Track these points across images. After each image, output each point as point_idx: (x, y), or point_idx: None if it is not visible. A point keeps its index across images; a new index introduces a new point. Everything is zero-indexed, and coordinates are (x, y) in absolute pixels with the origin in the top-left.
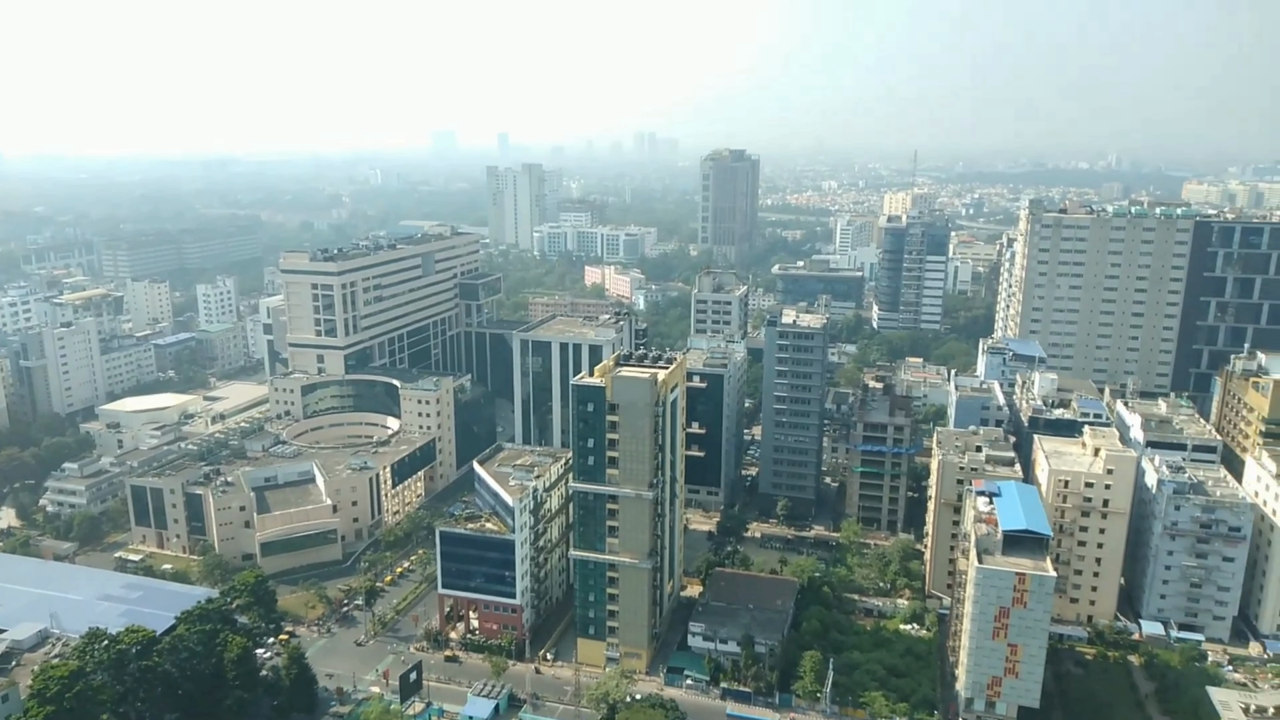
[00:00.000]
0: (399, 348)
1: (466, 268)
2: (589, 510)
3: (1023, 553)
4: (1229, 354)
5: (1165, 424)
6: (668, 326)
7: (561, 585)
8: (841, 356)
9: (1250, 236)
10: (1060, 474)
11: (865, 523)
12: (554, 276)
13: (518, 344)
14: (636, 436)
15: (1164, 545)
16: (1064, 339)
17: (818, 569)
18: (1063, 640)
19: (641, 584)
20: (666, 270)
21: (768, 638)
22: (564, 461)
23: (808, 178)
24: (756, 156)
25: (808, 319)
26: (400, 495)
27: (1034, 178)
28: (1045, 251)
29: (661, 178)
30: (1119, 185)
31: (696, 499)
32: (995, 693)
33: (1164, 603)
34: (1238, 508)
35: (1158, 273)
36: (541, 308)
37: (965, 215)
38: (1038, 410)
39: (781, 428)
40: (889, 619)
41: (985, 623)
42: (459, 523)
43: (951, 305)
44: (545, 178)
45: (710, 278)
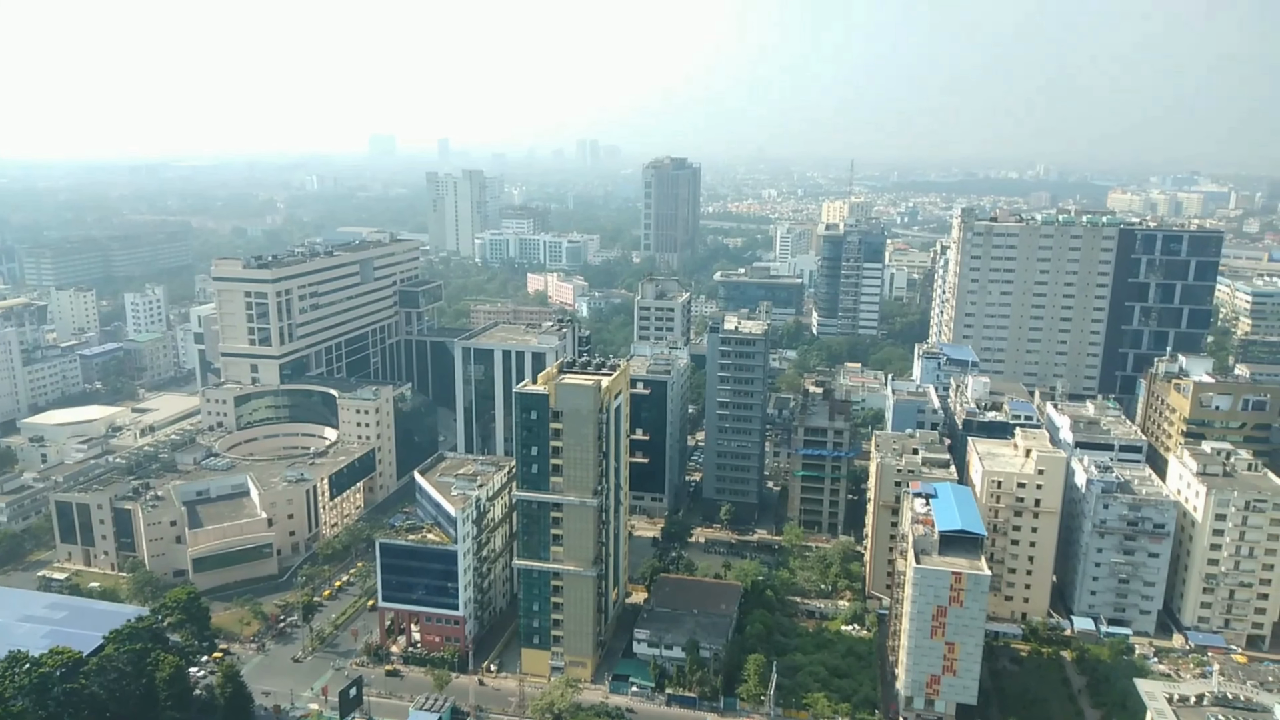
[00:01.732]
0: (337, 356)
1: (406, 275)
2: (533, 519)
3: (959, 552)
4: (1152, 357)
5: (1093, 425)
6: (611, 333)
7: (505, 595)
8: (782, 362)
9: (1171, 244)
10: (993, 475)
11: (807, 525)
12: (496, 284)
13: (459, 352)
14: (580, 444)
15: (1093, 543)
16: (996, 343)
17: (761, 572)
18: (998, 638)
19: (586, 592)
20: (609, 277)
21: (712, 642)
22: (507, 470)
23: (748, 186)
24: (698, 164)
25: (749, 326)
26: (339, 507)
27: (966, 187)
28: (977, 259)
29: (604, 185)
30: (1047, 194)
31: (641, 505)
32: (934, 691)
33: (1094, 599)
34: (1162, 505)
35: (1084, 279)
36: (484, 315)
37: (900, 223)
38: (971, 413)
39: (724, 433)
40: (831, 620)
41: (923, 622)
42: (400, 534)
43: (888, 311)
44: (487, 184)
45: (653, 285)
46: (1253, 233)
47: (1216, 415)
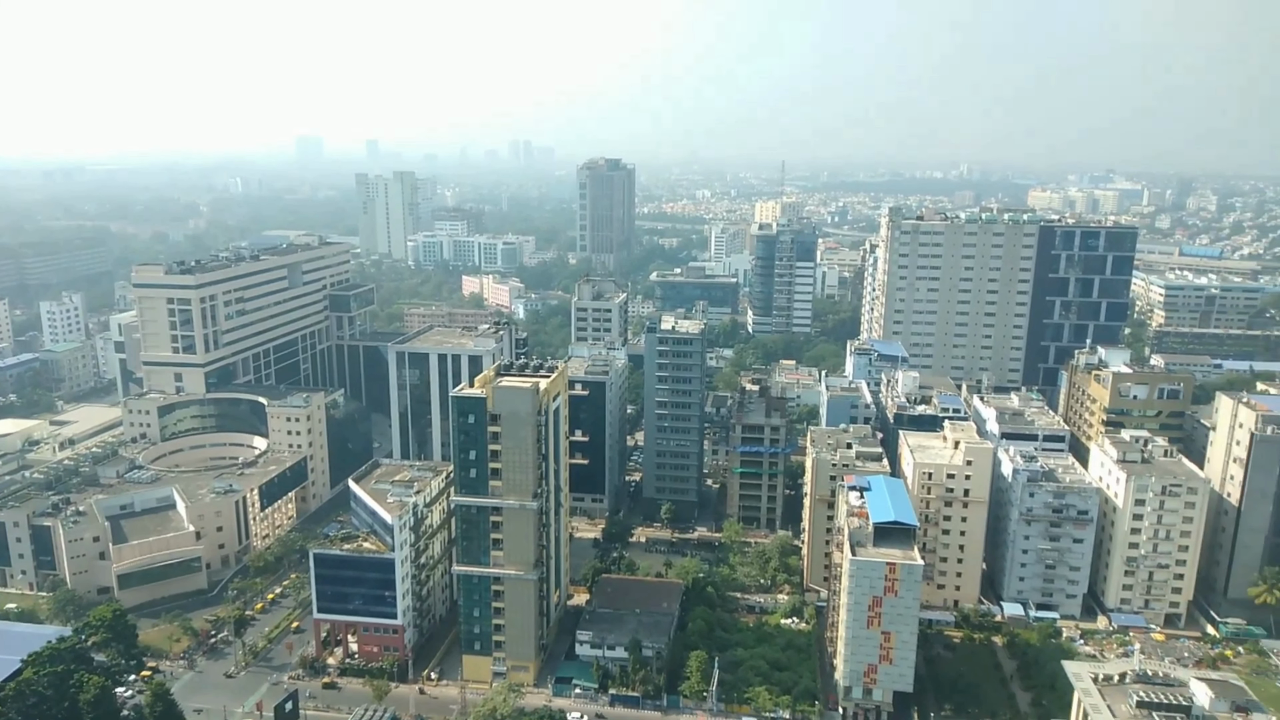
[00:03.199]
0: (265, 363)
1: (336, 279)
2: (472, 523)
3: (892, 543)
4: (1073, 349)
5: (1018, 416)
6: (548, 335)
7: (445, 602)
8: (719, 361)
9: (1089, 240)
10: (924, 467)
11: (746, 522)
12: (430, 286)
13: (393, 356)
14: (519, 447)
15: (1020, 530)
16: (924, 339)
17: (702, 570)
18: (932, 625)
19: (528, 596)
20: (546, 279)
21: (655, 641)
22: (445, 475)
23: (682, 187)
24: (632, 165)
25: (686, 325)
26: (270, 518)
27: (893, 187)
28: (905, 257)
29: (539, 186)
30: (971, 193)
31: (581, 507)
32: (872, 680)
33: (1022, 584)
34: (1085, 492)
35: (1007, 274)
36: (418, 318)
37: (831, 223)
38: (902, 407)
39: (663, 432)
40: (770, 614)
41: (860, 612)
42: (334, 543)
43: (821, 309)
44: (418, 185)
45: (590, 285)
46: (1164, 228)
47: (1134, 404)
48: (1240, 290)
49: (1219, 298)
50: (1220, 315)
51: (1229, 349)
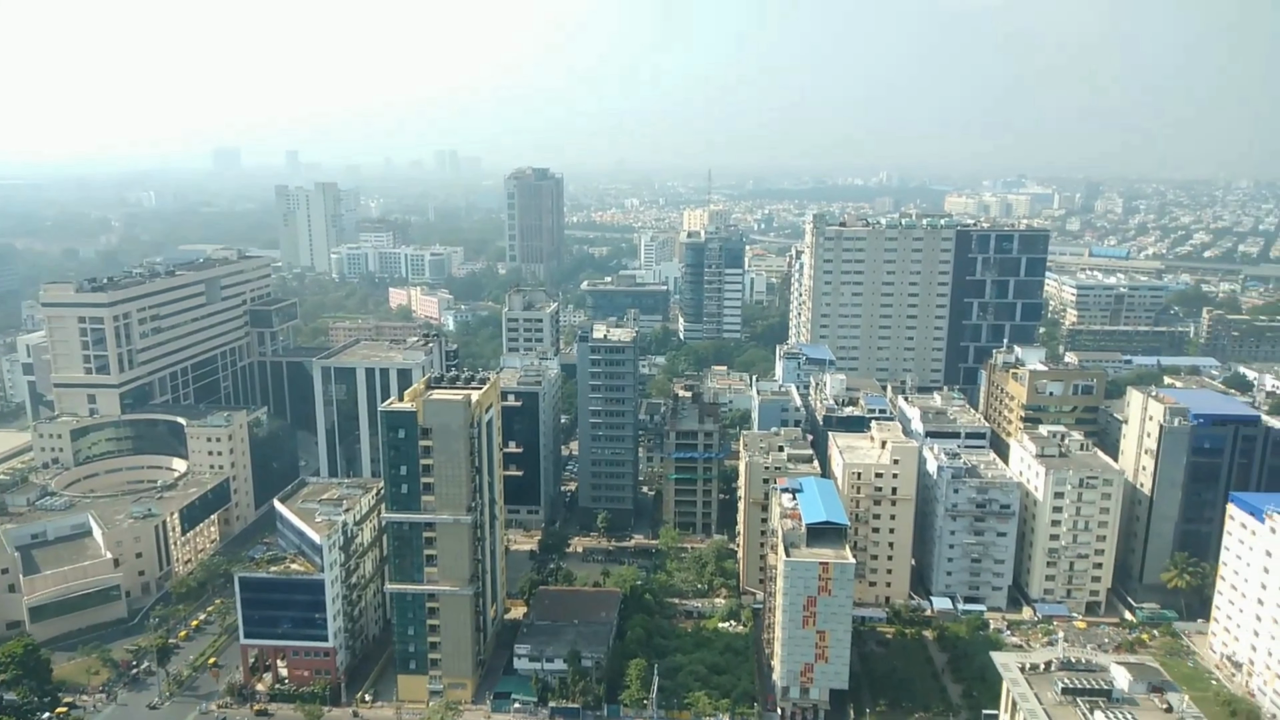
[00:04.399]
0: (184, 382)
1: (257, 293)
2: (404, 540)
3: (825, 543)
4: (991, 349)
5: (941, 415)
6: (479, 346)
7: (378, 621)
8: (652, 368)
9: (1003, 243)
10: (853, 467)
11: (682, 527)
12: (356, 299)
13: (318, 371)
14: (452, 460)
15: (947, 526)
16: (850, 342)
17: (639, 577)
18: (865, 622)
19: (464, 612)
20: (475, 290)
21: (593, 651)
22: (375, 492)
23: (611, 196)
24: (560, 175)
25: (618, 333)
26: (192, 542)
27: (816, 194)
28: (829, 262)
29: (466, 196)
30: (890, 199)
31: (517, 519)
32: (808, 679)
33: (950, 579)
34: (1006, 487)
35: (927, 278)
36: (343, 332)
37: (758, 230)
38: (830, 409)
39: (598, 441)
40: (708, 619)
41: (795, 613)
42: (260, 566)
43: (750, 315)
44: (341, 197)
45: (520, 296)
46: (1074, 230)
47: (1050, 401)
48: (1146, 289)
49: (1127, 296)
50: (1129, 313)
51: (1137, 345)
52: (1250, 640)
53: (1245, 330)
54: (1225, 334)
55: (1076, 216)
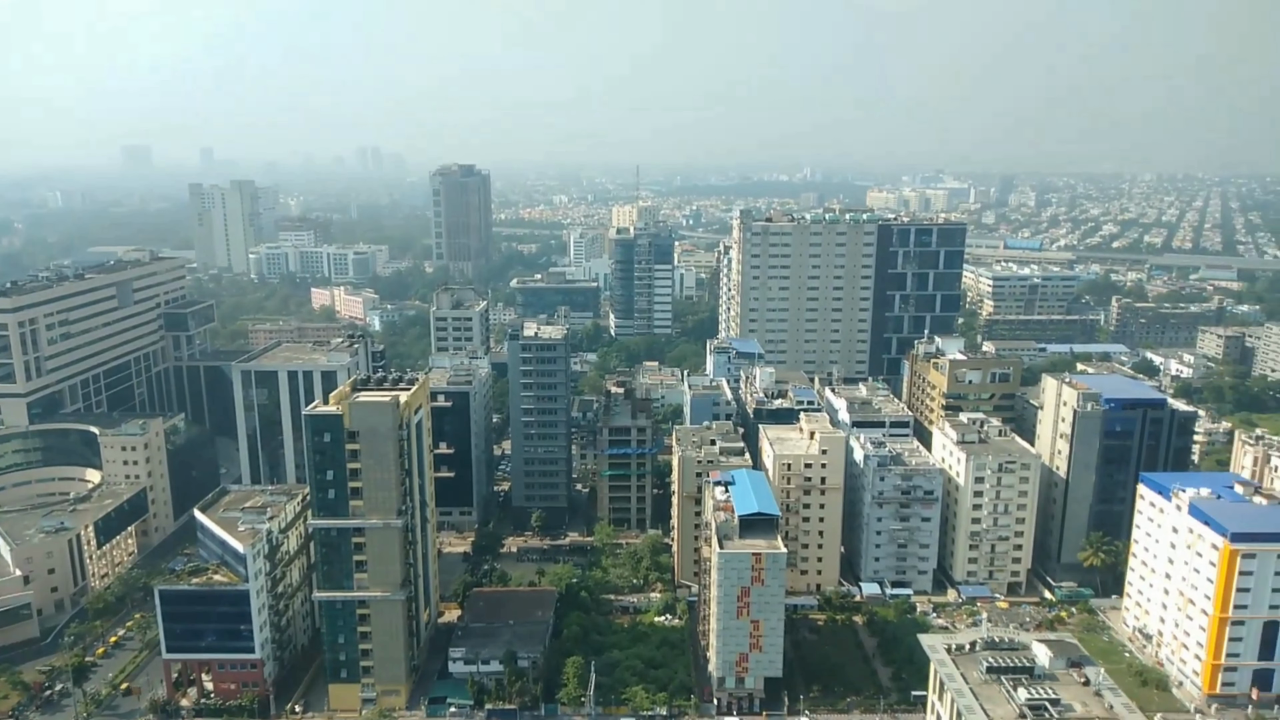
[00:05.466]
0: (96, 390)
1: (172, 296)
2: (332, 547)
3: (757, 534)
4: (913, 340)
5: (866, 405)
6: (407, 346)
7: (307, 630)
8: (584, 365)
9: (922, 236)
10: (783, 458)
11: (617, 523)
12: (276, 300)
13: (238, 375)
14: (380, 464)
15: (874, 513)
16: (778, 335)
17: (575, 575)
18: (797, 610)
19: (396, 617)
20: (402, 289)
21: (530, 651)
22: (300, 498)
23: (539, 192)
24: (487, 171)
25: (549, 331)
26: (108, 556)
27: (742, 190)
28: (756, 257)
29: (390, 193)
30: (814, 195)
31: (449, 520)
32: (743, 669)
33: (878, 564)
34: (929, 473)
35: (851, 271)
36: (264, 335)
37: (686, 226)
38: (760, 402)
39: (530, 440)
40: (644, 613)
41: (730, 603)
42: (182, 578)
43: (680, 310)
44: (259, 195)
45: (448, 294)
46: (990, 224)
47: (970, 389)
48: (1059, 279)
49: (1040, 286)
50: (1042, 302)
51: (1051, 333)
52: (1159, 613)
53: (1151, 317)
54: (1133, 321)
55: (992, 210)
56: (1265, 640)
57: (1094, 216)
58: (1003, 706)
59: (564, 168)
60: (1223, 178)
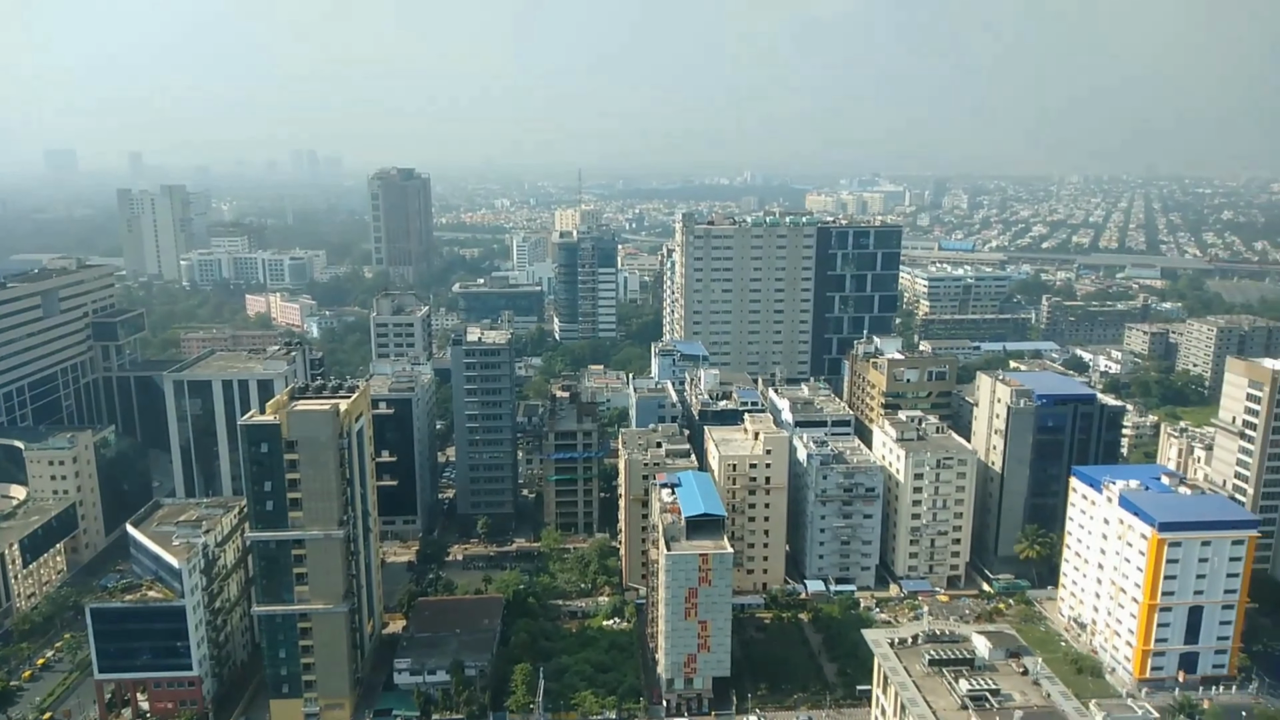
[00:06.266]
0: (20, 403)
1: (100, 305)
2: (272, 559)
3: (704, 535)
4: (853, 340)
5: (809, 405)
6: (347, 354)
7: (246, 646)
8: (528, 370)
9: (860, 239)
10: (728, 459)
11: (564, 528)
12: (209, 308)
13: (170, 386)
14: (320, 473)
15: (817, 511)
16: (722, 337)
17: (522, 581)
18: (744, 610)
19: (338, 630)
20: (340, 294)
21: (477, 659)
22: (237, 511)
23: (480, 196)
24: (427, 175)
25: (492, 336)
26: (35, 574)
27: (684, 193)
28: (699, 260)
29: (326, 197)
30: (755, 198)
31: (393, 530)
32: (692, 669)
33: (822, 561)
34: (871, 471)
35: (792, 273)
36: (197, 343)
37: (629, 229)
38: (705, 404)
39: (475, 446)
40: (593, 618)
41: (678, 605)
42: (114, 595)
43: (625, 314)
44: (190, 200)
45: (389, 300)
46: (925, 226)
47: (908, 387)
48: (991, 279)
49: (974, 286)
50: (976, 302)
51: (985, 332)
52: (1093, 603)
53: (1080, 315)
54: (1063, 319)
55: (926, 213)
56: (1190, 625)
57: (1024, 218)
58: (945, 698)
59: (506, 171)
60: (1146, 180)
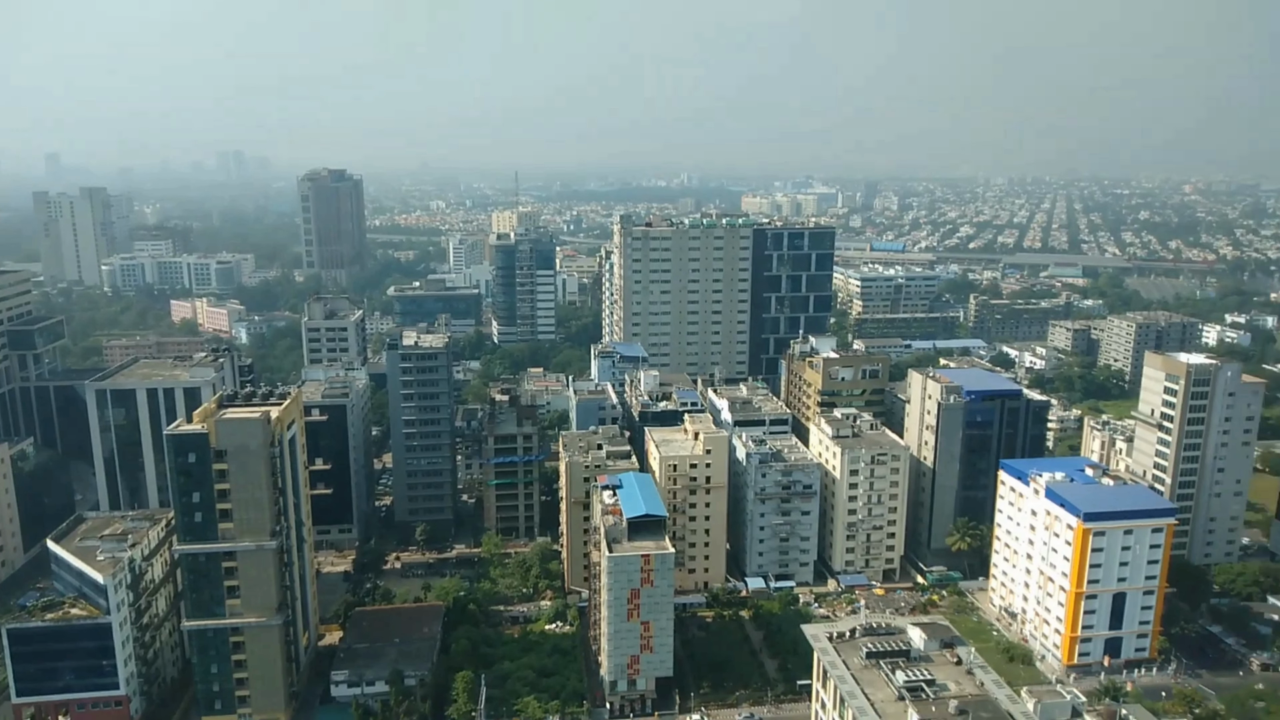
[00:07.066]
0: None
1: (16, 312)
2: (202, 573)
3: (646, 536)
4: (789, 340)
5: (747, 404)
6: (277, 359)
7: (176, 662)
8: (467, 373)
9: (795, 240)
10: (669, 459)
11: (505, 533)
12: (133, 315)
13: (92, 396)
14: (251, 483)
15: (757, 509)
16: (660, 338)
17: (462, 588)
18: (686, 609)
19: (272, 643)
20: (270, 299)
21: (417, 669)
22: (165, 523)
23: (415, 198)
24: (359, 176)
25: (429, 339)
26: None
27: (622, 195)
28: (638, 261)
29: (255, 199)
30: (692, 200)
31: (328, 539)
32: (635, 671)
33: (762, 559)
34: (808, 468)
35: (729, 275)
36: (120, 351)
37: (567, 231)
38: (645, 405)
39: (413, 452)
40: (535, 622)
41: (620, 607)
42: (34, 614)
43: (564, 316)
44: (112, 203)
45: (321, 304)
46: (857, 227)
47: (843, 385)
48: (921, 279)
49: (905, 286)
50: (907, 301)
51: (916, 330)
52: (1022, 592)
53: (1006, 313)
54: (990, 317)
55: (858, 214)
56: (1115, 611)
57: (952, 219)
58: (882, 689)
59: (441, 173)
60: (1067, 181)
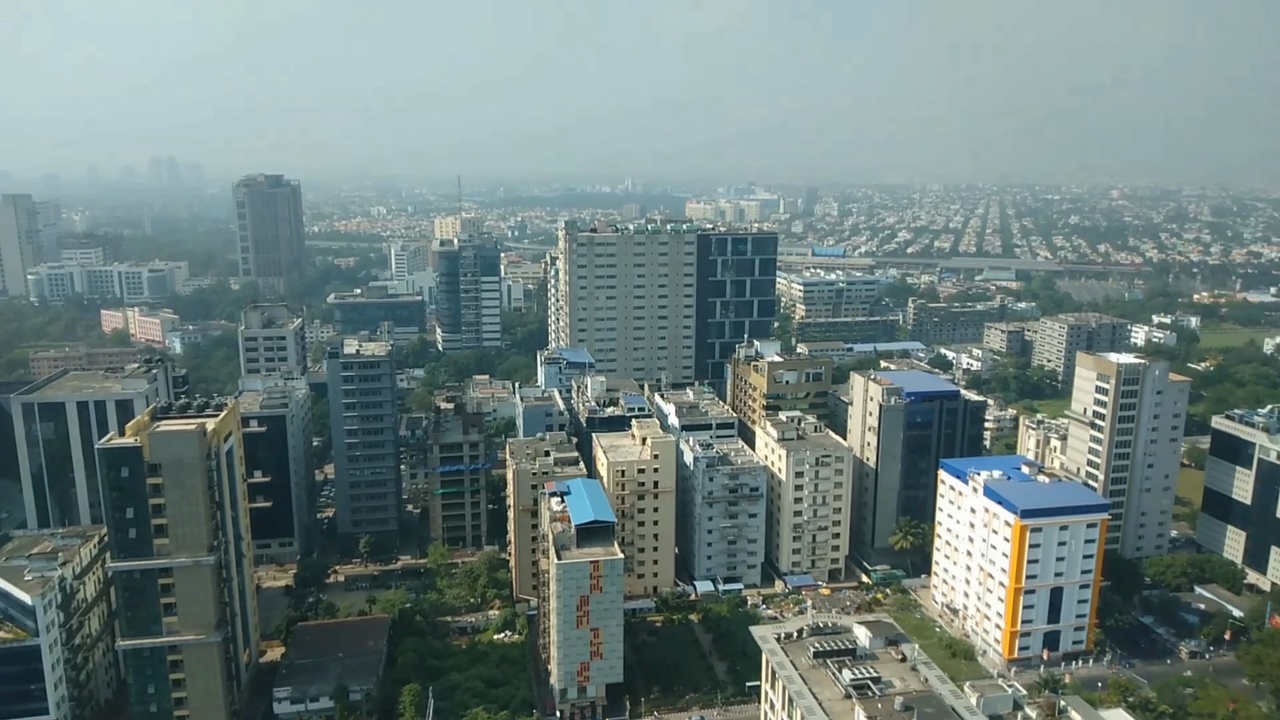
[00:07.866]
0: None
1: None
2: (136, 590)
3: (594, 542)
4: (734, 344)
5: (694, 409)
6: (213, 370)
7: (110, 683)
8: (411, 381)
9: (739, 246)
10: (617, 465)
11: (451, 543)
12: (61, 326)
13: (18, 409)
14: (187, 497)
15: (704, 512)
16: (607, 344)
17: (408, 600)
18: (635, 614)
19: (211, 662)
20: (205, 308)
21: (362, 683)
22: (97, 540)
23: (355, 204)
24: (297, 182)
25: (371, 347)
26: None
27: (566, 201)
28: (583, 267)
29: (188, 206)
30: (636, 206)
31: (269, 553)
32: (585, 678)
33: (710, 562)
34: (754, 471)
35: (674, 280)
36: (48, 363)
37: (511, 237)
38: (593, 410)
39: (355, 462)
40: (483, 632)
41: (569, 614)
42: None
43: (509, 322)
44: (38, 210)
45: (258, 312)
46: (799, 232)
47: (787, 389)
48: (862, 283)
49: (846, 290)
50: (848, 305)
51: (857, 334)
52: (963, 589)
53: (943, 316)
54: (928, 320)
55: (800, 220)
56: (1052, 605)
57: (890, 225)
58: (830, 688)
59: (381, 179)
60: (1000, 187)
